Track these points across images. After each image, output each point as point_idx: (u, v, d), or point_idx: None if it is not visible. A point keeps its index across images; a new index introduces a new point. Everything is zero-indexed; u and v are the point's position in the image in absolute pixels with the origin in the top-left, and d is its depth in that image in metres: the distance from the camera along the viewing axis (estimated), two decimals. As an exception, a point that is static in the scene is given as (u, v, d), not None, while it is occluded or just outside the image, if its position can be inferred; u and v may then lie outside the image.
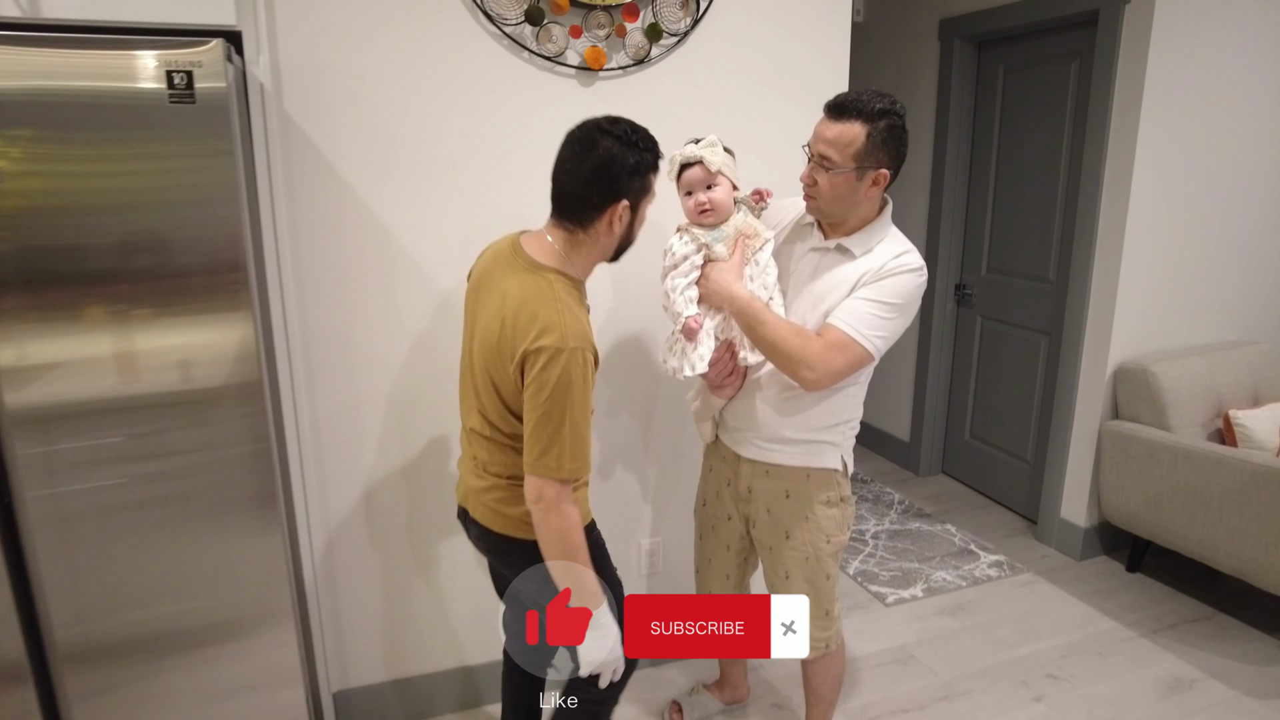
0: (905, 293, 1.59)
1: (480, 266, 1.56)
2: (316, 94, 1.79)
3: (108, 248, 1.51)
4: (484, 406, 1.48)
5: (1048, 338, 3.29)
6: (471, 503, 1.57)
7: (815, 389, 1.58)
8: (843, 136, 1.52)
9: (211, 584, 1.70)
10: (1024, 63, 3.31)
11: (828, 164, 1.54)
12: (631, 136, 1.41)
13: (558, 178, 1.44)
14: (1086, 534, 3.10)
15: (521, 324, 1.35)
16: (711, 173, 1.61)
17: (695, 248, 1.64)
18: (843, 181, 1.54)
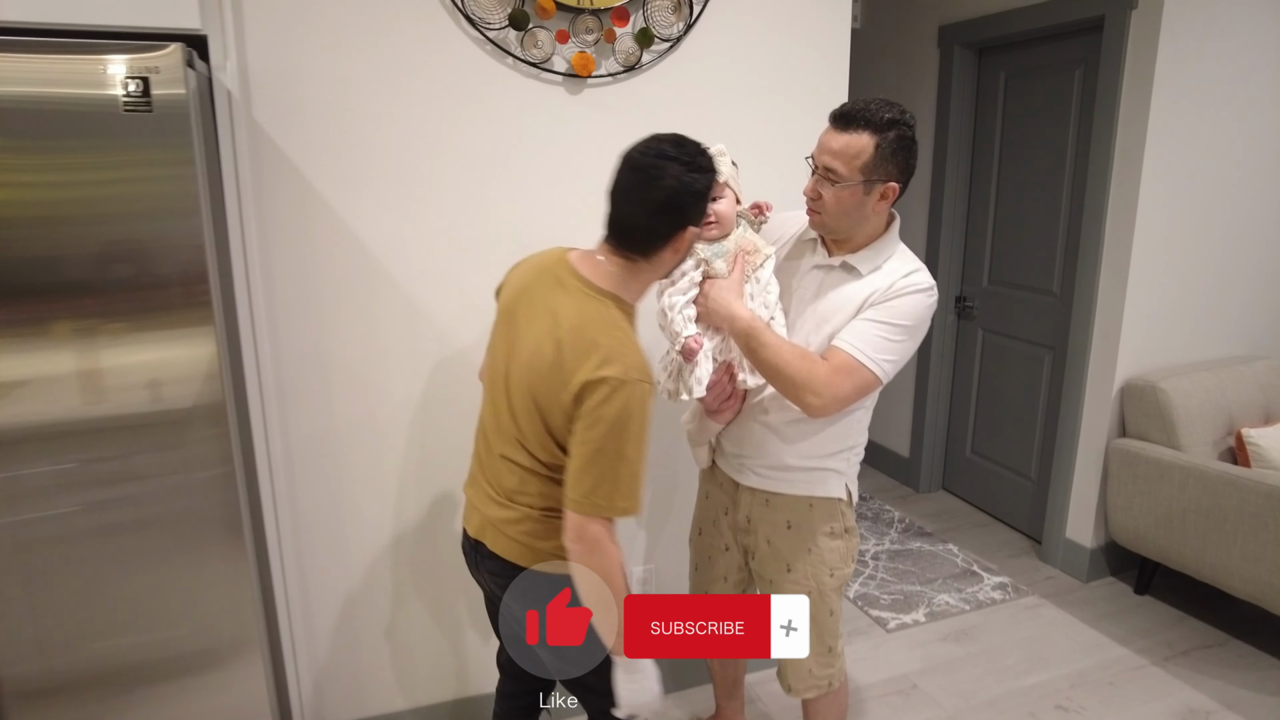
0: (915, 314, 1.49)
1: (518, 282, 1.44)
2: (288, 102, 1.70)
3: (63, 261, 1.44)
4: (522, 433, 1.37)
5: (1051, 352, 3.20)
6: (490, 535, 1.44)
7: (820, 415, 1.48)
8: (849, 148, 1.43)
9: (177, 615, 1.62)
10: (1026, 70, 3.23)
11: (833, 176, 1.45)
12: (698, 160, 1.31)
13: (620, 208, 1.33)
14: (1093, 555, 3.00)
15: (580, 351, 1.26)
16: (719, 184, 1.52)
17: (694, 263, 1.55)
18: (849, 195, 1.45)
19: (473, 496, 1.51)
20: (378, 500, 1.95)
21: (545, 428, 1.33)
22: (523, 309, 1.38)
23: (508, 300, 1.44)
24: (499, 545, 1.43)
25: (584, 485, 1.27)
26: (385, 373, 1.88)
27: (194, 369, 1.53)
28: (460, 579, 2.05)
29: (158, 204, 1.45)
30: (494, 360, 1.45)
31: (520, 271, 1.48)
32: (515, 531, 1.41)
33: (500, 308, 1.46)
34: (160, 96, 1.38)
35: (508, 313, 1.43)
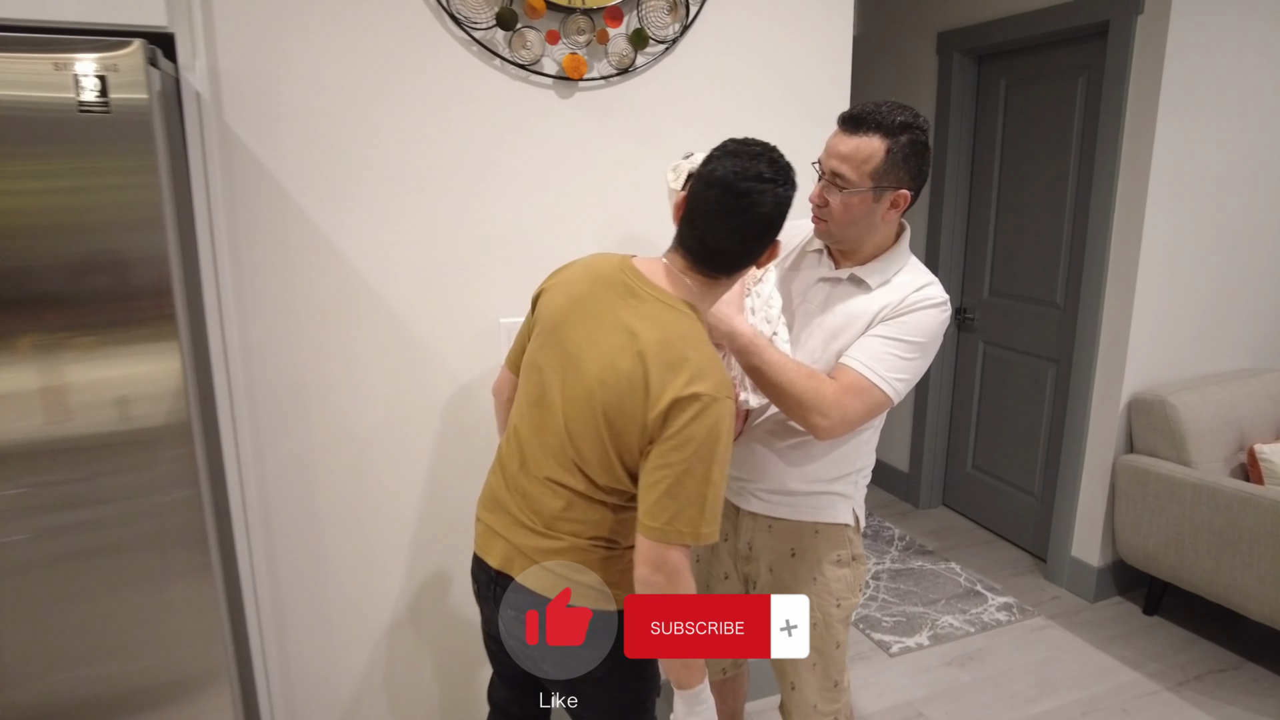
0: (928, 330, 1.41)
1: (569, 290, 1.31)
2: (261, 104, 1.60)
3: (19, 273, 1.33)
4: (580, 455, 1.24)
5: (1056, 365, 3.12)
6: (519, 564, 1.30)
7: (828, 437, 1.39)
8: (859, 151, 1.34)
9: (141, 645, 1.52)
10: (1027, 77, 3.17)
11: (841, 182, 1.36)
12: (790, 176, 1.24)
13: (711, 231, 1.23)
14: (1100, 574, 2.92)
15: (668, 365, 1.17)
16: None
17: None
18: (858, 203, 1.36)
19: (496, 524, 1.36)
20: (359, 524, 1.85)
21: (615, 449, 1.22)
22: (581, 320, 1.26)
23: (557, 309, 1.30)
24: (532, 578, 1.29)
25: (668, 512, 1.17)
26: (366, 390, 1.78)
27: (159, 387, 1.44)
28: (448, 607, 1.96)
29: (118, 214, 1.35)
30: (540, 375, 1.30)
31: (569, 277, 1.34)
32: (555, 562, 1.29)
33: (545, 317, 1.32)
34: (120, 99, 1.28)
35: (557, 323, 1.29)
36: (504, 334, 1.85)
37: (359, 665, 1.93)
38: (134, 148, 1.32)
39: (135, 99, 1.29)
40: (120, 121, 1.29)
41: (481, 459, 1.89)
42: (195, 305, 1.59)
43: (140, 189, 1.34)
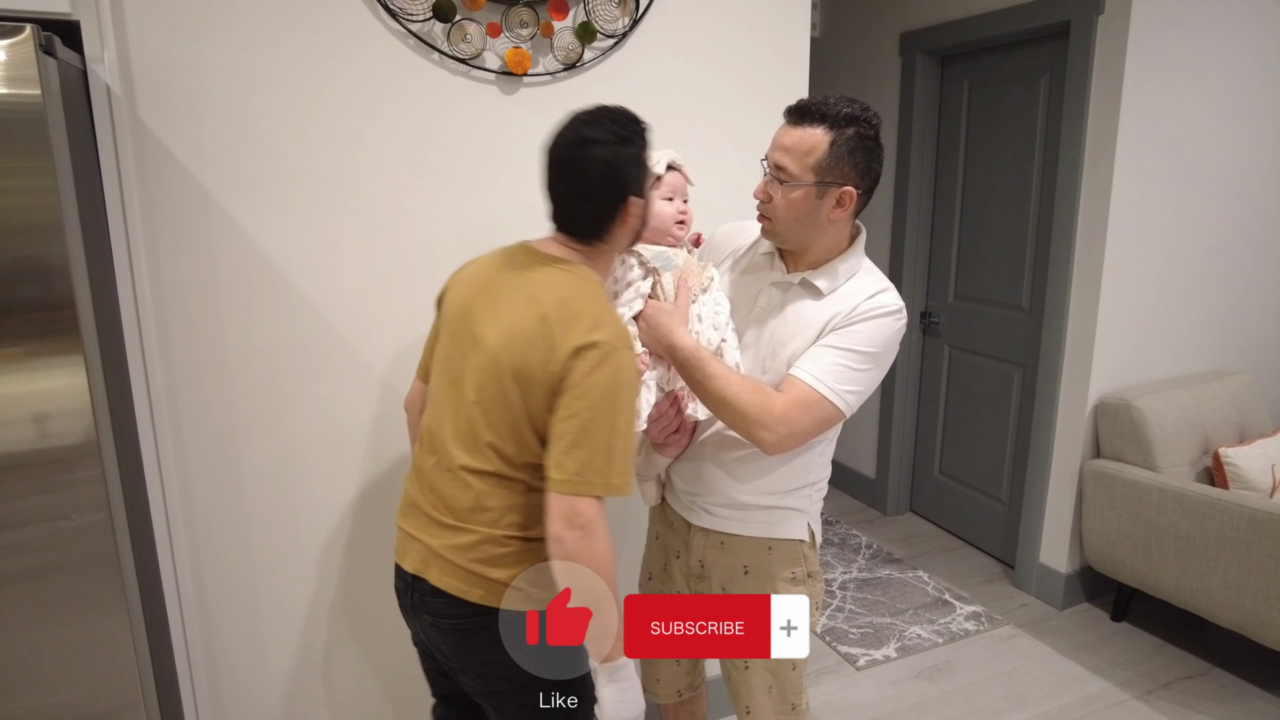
0: (881, 340, 1.34)
1: (470, 281, 1.34)
2: (179, 99, 1.49)
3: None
4: (493, 428, 1.22)
5: (1021, 369, 3.09)
6: (435, 567, 1.27)
7: (776, 452, 1.32)
8: (802, 143, 1.28)
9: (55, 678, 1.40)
10: (990, 78, 3.13)
11: (784, 175, 1.30)
12: (622, 130, 1.24)
13: (557, 200, 1.28)
14: (1068, 580, 2.88)
15: (568, 318, 1.19)
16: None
17: (642, 273, 1.39)
18: (801, 198, 1.30)
19: (411, 527, 1.33)
20: (293, 542, 1.74)
21: (525, 412, 1.21)
22: (483, 302, 1.28)
23: (461, 301, 1.32)
24: (446, 578, 1.27)
25: (574, 462, 1.16)
26: (298, 401, 1.68)
27: (66, 404, 1.33)
28: (389, 628, 1.85)
29: (11, 219, 1.24)
30: (448, 365, 1.30)
31: (469, 272, 1.37)
32: (469, 559, 1.25)
33: (450, 311, 1.33)
34: (9, 93, 1.18)
35: (462, 312, 1.30)
36: (447, 343, 1.75)
37: (296, 691, 1.82)
38: (26, 148, 1.20)
39: (25, 93, 1.18)
40: (9, 117, 1.19)
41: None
42: (108, 317, 1.48)
43: (35, 192, 1.23)
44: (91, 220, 1.41)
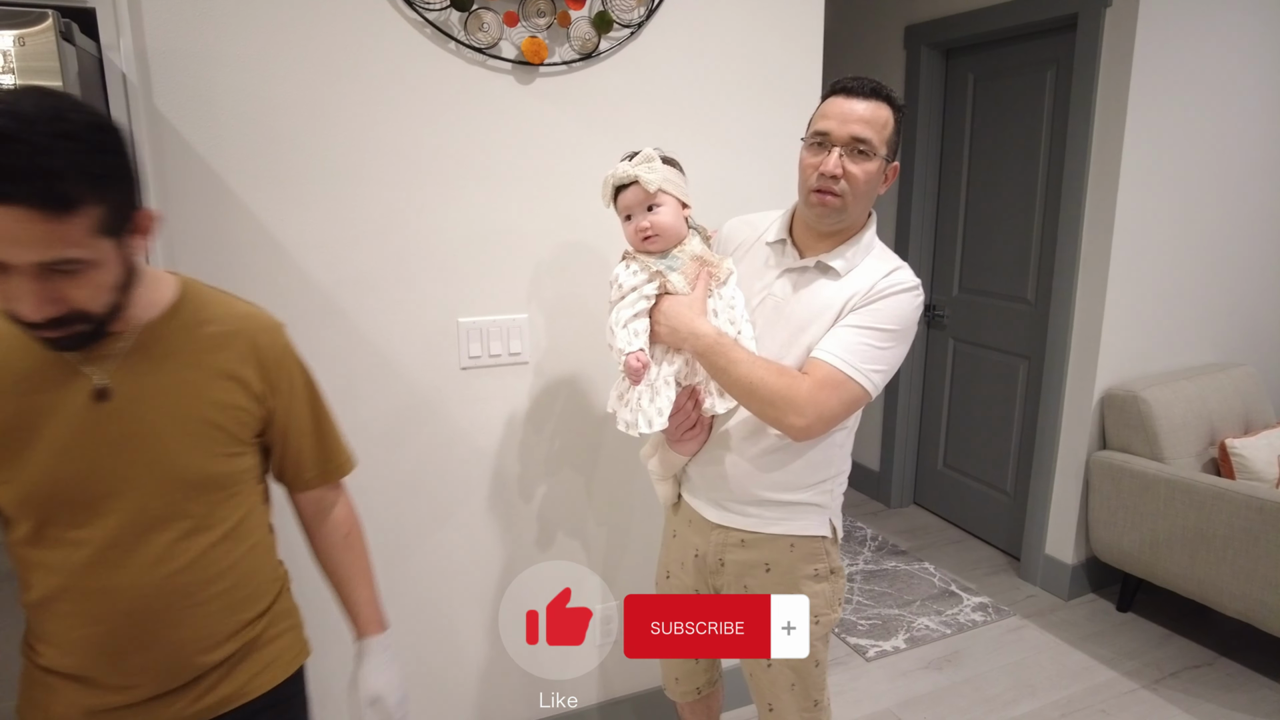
0: (902, 316, 1.33)
1: None
2: (195, 88, 1.48)
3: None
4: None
5: (1027, 361, 3.09)
6: None
7: (804, 437, 1.31)
8: (877, 116, 1.29)
9: None
10: (995, 71, 3.13)
11: (866, 148, 1.28)
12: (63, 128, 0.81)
13: None
14: (1074, 571, 2.89)
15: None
16: (650, 192, 1.34)
17: (646, 277, 1.37)
18: (875, 172, 1.31)
19: None
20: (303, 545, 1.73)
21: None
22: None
23: None
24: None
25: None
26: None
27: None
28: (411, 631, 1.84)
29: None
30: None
31: None
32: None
33: None
34: (25, 69, 1.16)
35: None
36: (462, 334, 1.75)
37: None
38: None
39: (46, 82, 1.17)
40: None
41: (434, 468, 1.80)
42: (123, 306, 1.46)
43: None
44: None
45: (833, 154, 1.29)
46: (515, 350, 1.80)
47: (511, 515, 1.90)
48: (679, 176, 1.39)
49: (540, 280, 1.79)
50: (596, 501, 1.98)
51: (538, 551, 1.95)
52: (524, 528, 1.92)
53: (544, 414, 1.87)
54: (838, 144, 1.30)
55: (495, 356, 1.78)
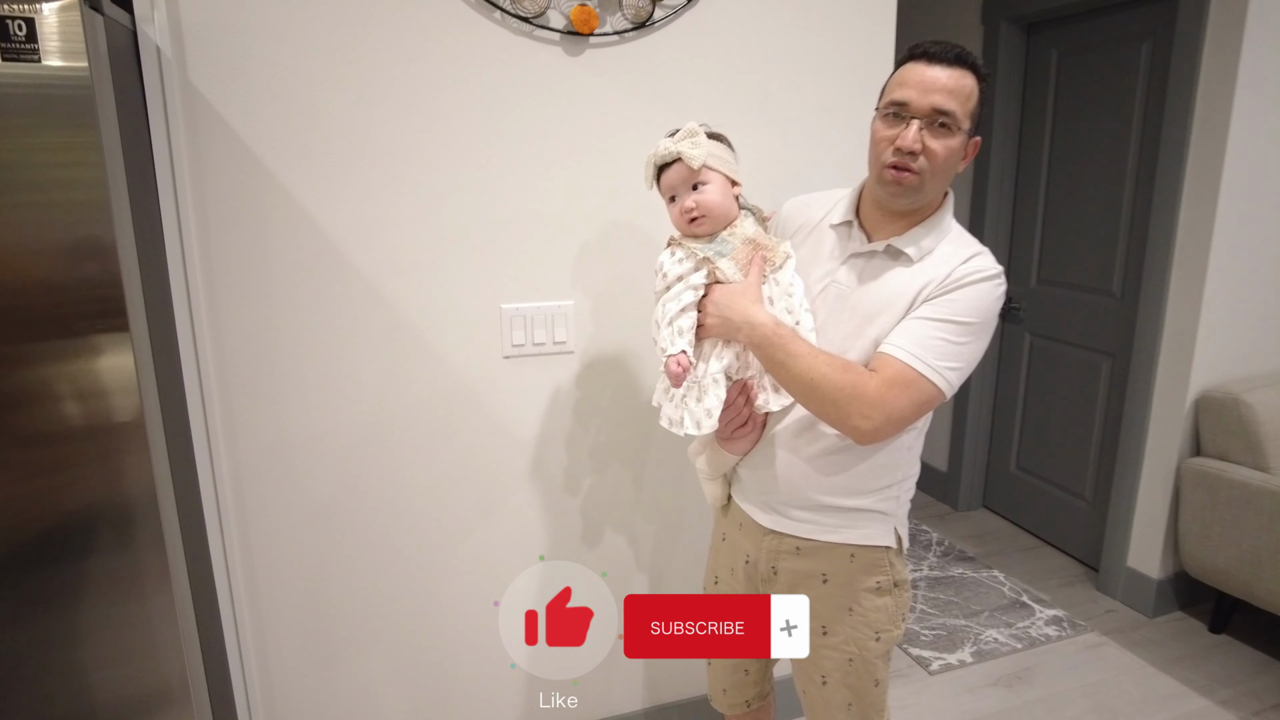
0: (982, 308, 1.20)
1: None
2: (231, 62, 1.42)
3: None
4: None
5: (1111, 359, 2.88)
6: None
7: (871, 441, 1.19)
8: (962, 86, 1.16)
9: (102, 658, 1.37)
10: (1082, 46, 2.91)
11: (950, 121, 1.16)
12: None
13: None
14: (1160, 586, 2.68)
15: None
16: (694, 170, 1.23)
17: (693, 265, 1.26)
18: (958, 147, 1.18)
19: None
20: (344, 532, 1.67)
21: None
22: None
23: None
24: None
25: None
26: (352, 384, 1.60)
27: (115, 382, 1.28)
28: (438, 622, 1.79)
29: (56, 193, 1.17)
30: None
31: None
32: None
33: None
34: (55, 67, 1.11)
35: None
36: (505, 321, 1.66)
37: (346, 684, 1.76)
38: (73, 121, 1.14)
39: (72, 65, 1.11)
40: (55, 92, 1.12)
41: (477, 461, 1.73)
42: (158, 293, 1.42)
43: (82, 167, 1.16)
44: (140, 192, 1.35)
45: (911, 127, 1.16)
46: (560, 339, 1.71)
47: (557, 511, 1.82)
48: (727, 152, 1.28)
49: (587, 265, 1.70)
50: (645, 498, 1.88)
51: (585, 549, 1.86)
52: (570, 524, 1.84)
53: (590, 406, 1.78)
54: (917, 116, 1.16)
55: (539, 345, 1.70)
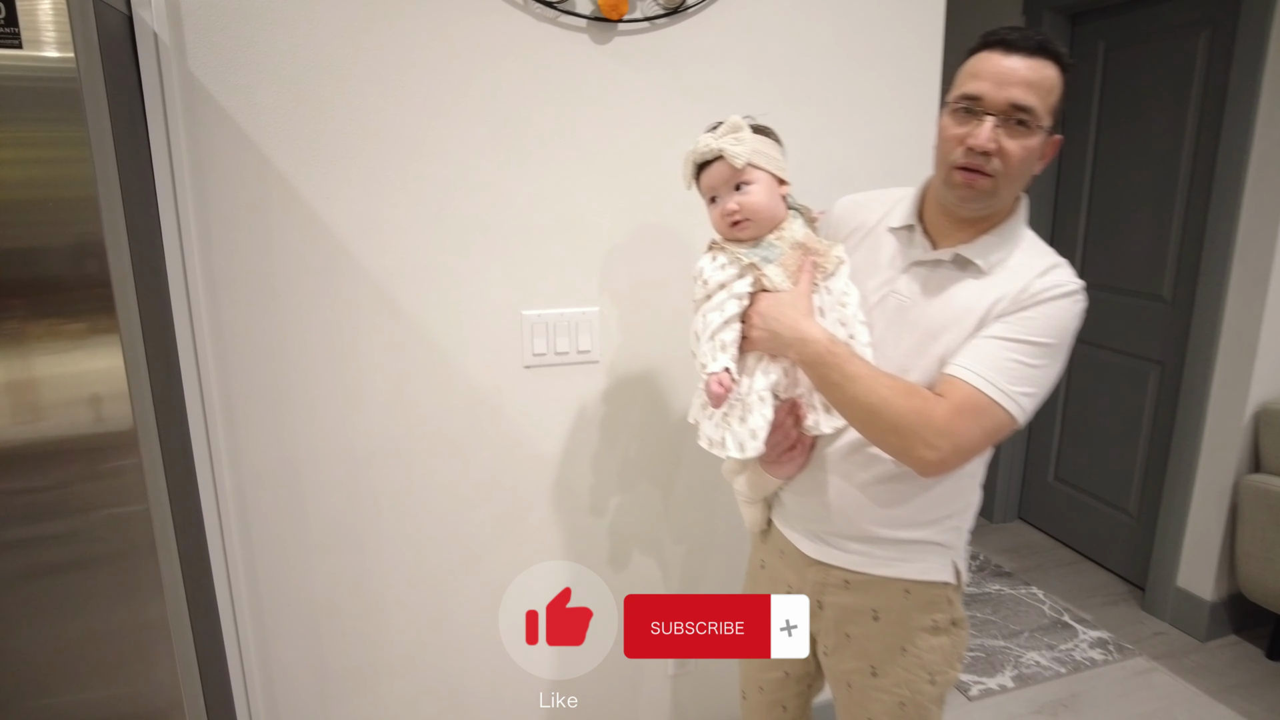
0: (1061, 328, 1.07)
1: None
2: (233, 50, 1.32)
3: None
4: None
5: (1160, 367, 2.73)
6: None
7: (935, 473, 1.07)
8: (1044, 79, 1.03)
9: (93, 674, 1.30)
10: (1132, 37, 2.75)
11: (1028, 118, 1.03)
12: None
13: None
14: (1213, 608, 2.53)
15: None
16: (737, 168, 1.11)
17: (737, 271, 1.14)
18: (1036, 148, 1.06)
19: None
20: (355, 552, 1.58)
21: None
22: None
23: None
24: None
25: None
26: (362, 394, 1.50)
27: (106, 388, 1.19)
28: (455, 648, 1.68)
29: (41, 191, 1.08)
30: None
31: None
32: None
33: None
34: (36, 34, 1.01)
35: None
36: (527, 329, 1.56)
37: (359, 715, 1.66)
38: (55, 100, 1.04)
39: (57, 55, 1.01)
40: (35, 65, 1.02)
41: (499, 478, 1.62)
42: (154, 293, 1.32)
43: (69, 163, 1.07)
44: (136, 187, 1.25)
45: (985, 124, 1.04)
46: (584, 347, 1.60)
47: (580, 531, 1.71)
48: (774, 148, 1.16)
49: (614, 269, 1.58)
50: (674, 517, 1.77)
51: (611, 571, 1.75)
52: (594, 544, 1.73)
53: (616, 419, 1.66)
54: (992, 111, 1.04)
55: (562, 354, 1.59)
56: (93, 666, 1.29)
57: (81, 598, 1.25)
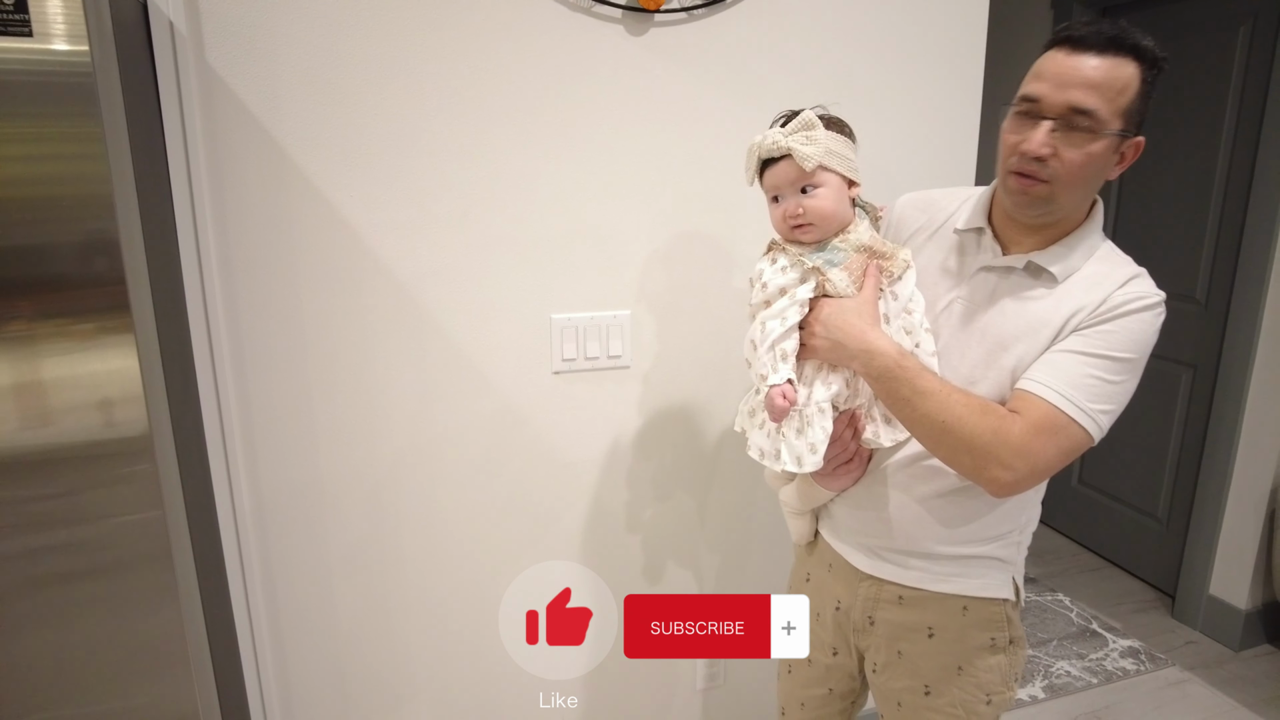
0: (1141, 342, 1.02)
1: None
2: (252, 39, 1.26)
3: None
4: None
5: (1192, 370, 2.67)
6: None
7: (1008, 494, 1.01)
8: (1115, 78, 0.96)
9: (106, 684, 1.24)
10: (1166, 30, 2.68)
11: (1090, 122, 0.96)
12: None
13: None
14: (1247, 618, 2.47)
15: None
16: (807, 170, 1.04)
17: (799, 276, 1.08)
18: (1101, 152, 0.98)
19: None
20: (378, 567, 1.52)
21: None
22: None
23: None
24: None
25: None
26: (386, 402, 1.44)
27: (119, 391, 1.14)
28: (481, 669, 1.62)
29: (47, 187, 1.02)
30: None
31: None
32: None
33: None
34: (48, 24, 0.95)
35: None
36: (556, 334, 1.49)
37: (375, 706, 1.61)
38: (68, 94, 0.98)
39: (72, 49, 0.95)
40: (52, 65, 0.96)
41: (525, 491, 1.56)
42: (168, 294, 1.26)
43: (83, 159, 1.01)
44: (151, 184, 1.19)
45: (1040, 128, 0.97)
46: (615, 353, 1.54)
47: (612, 542, 1.65)
48: (847, 146, 1.09)
49: (647, 271, 1.52)
50: (710, 527, 1.71)
51: (645, 583, 1.69)
52: (627, 555, 1.67)
53: (649, 427, 1.60)
54: (1049, 114, 0.97)
55: (592, 360, 1.53)
56: (105, 678, 1.24)
57: (94, 607, 1.20)
